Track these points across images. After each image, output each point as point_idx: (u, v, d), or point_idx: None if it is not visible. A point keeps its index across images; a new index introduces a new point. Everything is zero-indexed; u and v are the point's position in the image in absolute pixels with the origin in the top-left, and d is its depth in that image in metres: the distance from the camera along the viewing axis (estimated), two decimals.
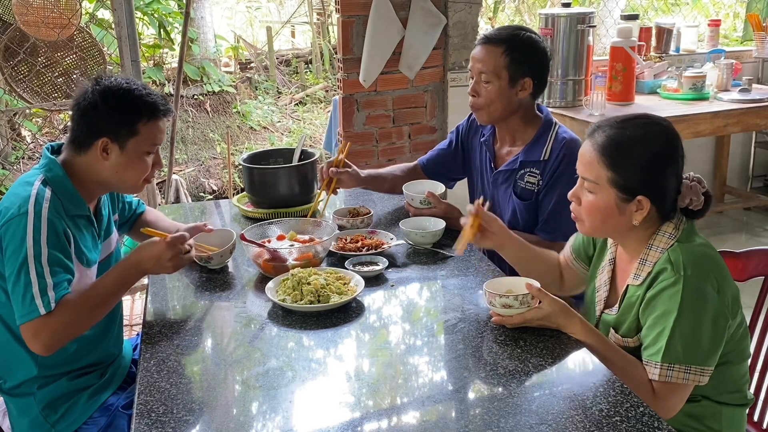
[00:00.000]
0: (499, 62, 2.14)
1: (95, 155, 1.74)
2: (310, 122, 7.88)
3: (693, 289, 1.49)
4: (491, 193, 2.34)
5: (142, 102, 1.76)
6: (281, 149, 2.63)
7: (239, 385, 1.49)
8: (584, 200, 1.62)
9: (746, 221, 4.90)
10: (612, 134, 1.57)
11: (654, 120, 1.61)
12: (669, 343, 1.49)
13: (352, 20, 3.71)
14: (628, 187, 1.55)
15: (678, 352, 1.48)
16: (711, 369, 1.51)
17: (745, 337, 1.64)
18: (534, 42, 2.19)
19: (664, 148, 1.56)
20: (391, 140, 3.95)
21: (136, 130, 1.75)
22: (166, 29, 7.00)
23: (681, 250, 1.54)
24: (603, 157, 1.56)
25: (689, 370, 1.49)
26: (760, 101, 4.13)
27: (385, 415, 1.38)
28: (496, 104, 2.18)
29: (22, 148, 5.91)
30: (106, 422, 1.77)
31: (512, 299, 1.62)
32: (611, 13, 5.67)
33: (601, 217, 1.60)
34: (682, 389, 1.51)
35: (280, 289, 1.81)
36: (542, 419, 1.33)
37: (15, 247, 1.61)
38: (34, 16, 3.15)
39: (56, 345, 1.62)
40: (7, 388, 1.78)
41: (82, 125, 1.74)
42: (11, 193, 1.71)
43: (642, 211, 1.57)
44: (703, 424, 1.62)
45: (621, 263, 1.71)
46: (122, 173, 1.77)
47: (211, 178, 6.64)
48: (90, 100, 1.73)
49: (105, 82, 1.75)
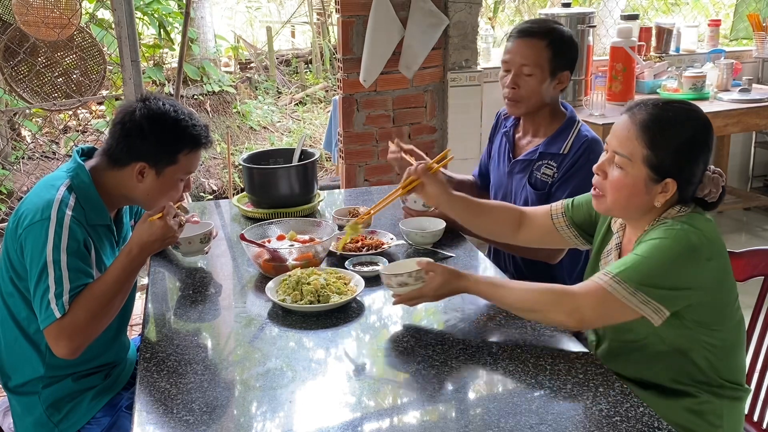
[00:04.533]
0: (542, 55, 2.18)
1: (130, 175, 1.74)
2: (310, 122, 7.88)
3: (685, 238, 1.49)
4: (505, 181, 2.36)
5: (188, 134, 1.76)
6: (281, 149, 2.63)
7: (239, 385, 1.49)
8: (611, 175, 1.60)
9: (746, 221, 4.90)
10: (655, 113, 1.56)
11: (693, 107, 1.61)
12: (632, 264, 1.49)
13: (352, 20, 3.71)
14: (662, 168, 1.54)
15: (634, 273, 1.49)
16: (659, 307, 1.50)
17: (742, 322, 1.65)
18: (570, 36, 2.26)
19: (702, 134, 1.56)
20: (391, 140, 3.94)
21: (176, 160, 1.75)
22: (166, 29, 7.00)
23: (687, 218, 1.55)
24: (643, 134, 1.55)
25: (636, 294, 1.48)
26: (760, 101, 4.14)
27: (386, 415, 1.38)
28: (536, 97, 2.21)
29: (22, 148, 5.91)
30: (109, 422, 1.77)
31: (406, 276, 1.65)
32: (611, 13, 5.67)
33: (627, 193, 1.58)
34: (606, 297, 1.50)
35: (280, 289, 1.81)
36: (542, 419, 1.33)
37: (36, 251, 1.61)
38: (34, 16, 3.15)
39: (79, 345, 1.61)
40: (12, 386, 1.78)
41: (122, 144, 1.73)
42: (35, 194, 1.70)
43: (666, 194, 1.56)
44: (704, 420, 1.62)
45: (628, 248, 1.70)
46: (154, 196, 1.78)
47: (211, 178, 6.64)
48: (137, 122, 1.72)
49: (152, 105, 1.74)
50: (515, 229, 1.92)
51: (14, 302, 1.72)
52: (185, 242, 1.99)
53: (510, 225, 1.92)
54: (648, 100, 1.61)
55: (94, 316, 1.63)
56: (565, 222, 1.87)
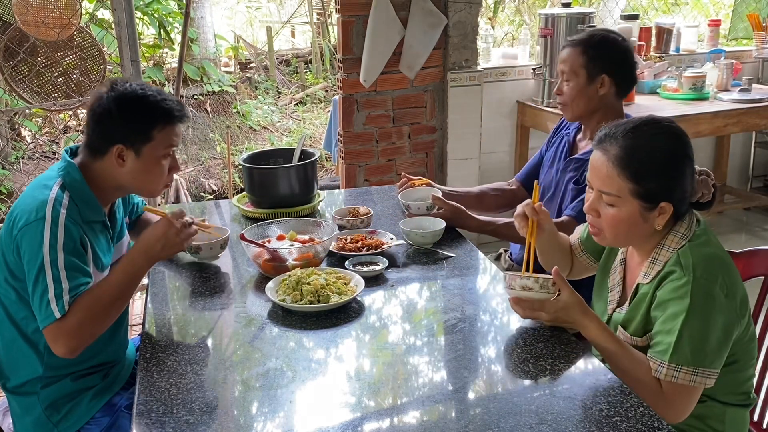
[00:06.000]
0: (577, 61, 2.26)
1: (111, 161, 1.74)
2: (310, 122, 7.88)
3: (702, 291, 1.49)
4: (557, 178, 2.41)
5: (158, 108, 1.75)
6: (281, 149, 2.63)
7: (239, 385, 1.49)
8: (604, 213, 1.59)
9: (746, 221, 4.90)
10: (627, 145, 1.54)
11: (662, 123, 1.60)
12: (677, 344, 1.48)
13: (352, 20, 3.71)
14: (651, 195, 1.54)
15: (686, 354, 1.48)
16: (717, 371, 1.51)
17: (753, 338, 1.64)
18: (610, 40, 2.27)
19: (679, 149, 1.55)
20: (391, 140, 3.95)
21: (151, 136, 1.75)
22: (166, 29, 7.00)
23: (691, 251, 1.54)
24: (623, 170, 1.53)
25: (697, 372, 1.48)
26: (760, 101, 4.14)
27: (386, 415, 1.38)
28: (578, 101, 2.28)
29: (22, 148, 5.91)
30: (108, 422, 1.77)
31: (533, 281, 1.60)
32: (611, 13, 5.66)
33: (626, 228, 1.58)
34: (689, 391, 1.50)
35: (280, 289, 1.81)
36: (542, 419, 1.33)
37: (32, 252, 1.61)
38: (34, 16, 3.15)
39: (78, 346, 1.61)
40: (11, 387, 1.78)
41: (97, 131, 1.74)
42: (28, 195, 1.70)
43: (664, 216, 1.56)
44: (706, 425, 1.62)
45: (632, 263, 1.71)
46: (139, 178, 1.77)
47: (211, 178, 6.64)
48: (105, 106, 1.72)
49: (119, 88, 1.74)
50: (570, 266, 1.94)
51: (11, 303, 1.72)
52: (207, 248, 2.01)
53: (566, 261, 1.94)
54: (614, 129, 1.58)
55: (95, 318, 1.63)
56: (581, 248, 1.90)
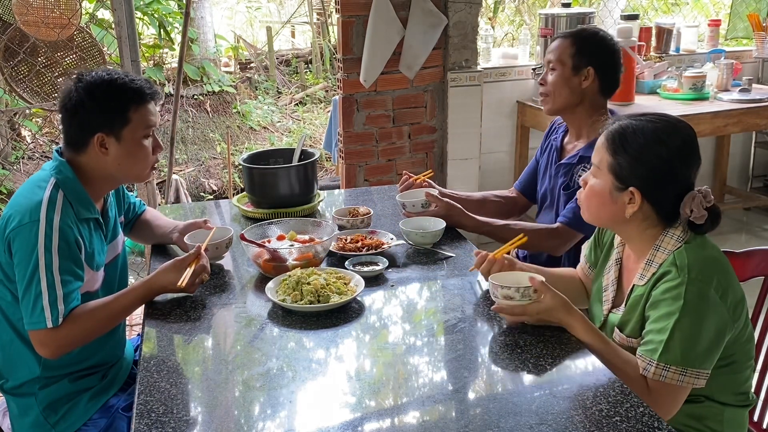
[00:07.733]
0: (565, 51, 2.27)
1: (95, 152, 1.74)
2: (310, 122, 7.88)
3: (696, 292, 1.49)
4: (550, 186, 2.39)
5: (128, 89, 1.76)
6: (281, 149, 2.63)
7: (239, 385, 1.49)
8: (588, 185, 1.66)
9: (746, 221, 4.90)
10: (624, 123, 1.61)
11: (670, 120, 1.61)
12: (668, 343, 1.48)
13: (352, 20, 3.71)
14: (623, 175, 1.58)
15: (676, 354, 1.48)
16: (707, 372, 1.51)
17: (751, 339, 1.64)
18: (600, 36, 2.29)
19: (666, 145, 1.56)
20: (391, 140, 3.95)
21: (127, 119, 1.75)
22: (166, 29, 7.00)
23: (687, 252, 1.54)
24: (607, 142, 1.61)
25: (686, 372, 1.49)
26: (760, 101, 4.14)
27: (386, 415, 1.38)
28: (560, 90, 2.27)
29: (22, 148, 5.91)
30: (105, 424, 1.77)
31: (514, 291, 1.62)
32: (611, 13, 5.66)
33: (596, 202, 1.64)
34: (676, 390, 1.51)
35: (280, 289, 1.81)
36: (542, 419, 1.33)
37: (25, 254, 1.61)
38: (34, 16, 3.15)
39: (62, 353, 1.66)
40: (9, 388, 1.78)
41: (74, 125, 1.75)
42: (22, 195, 1.70)
43: (633, 205, 1.57)
44: (704, 425, 1.62)
45: (628, 263, 1.71)
46: (125, 163, 1.78)
47: (211, 178, 6.64)
48: (76, 99, 1.73)
49: (87, 78, 1.75)
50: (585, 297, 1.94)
51: (8, 305, 1.72)
52: (213, 248, 2.01)
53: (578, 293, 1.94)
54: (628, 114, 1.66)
55: (87, 332, 1.68)
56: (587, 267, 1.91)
